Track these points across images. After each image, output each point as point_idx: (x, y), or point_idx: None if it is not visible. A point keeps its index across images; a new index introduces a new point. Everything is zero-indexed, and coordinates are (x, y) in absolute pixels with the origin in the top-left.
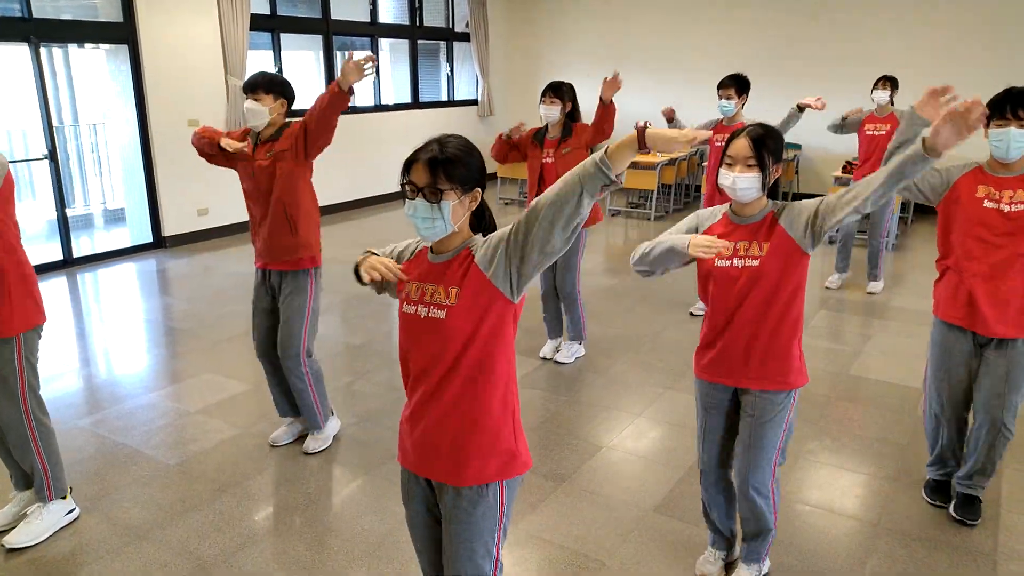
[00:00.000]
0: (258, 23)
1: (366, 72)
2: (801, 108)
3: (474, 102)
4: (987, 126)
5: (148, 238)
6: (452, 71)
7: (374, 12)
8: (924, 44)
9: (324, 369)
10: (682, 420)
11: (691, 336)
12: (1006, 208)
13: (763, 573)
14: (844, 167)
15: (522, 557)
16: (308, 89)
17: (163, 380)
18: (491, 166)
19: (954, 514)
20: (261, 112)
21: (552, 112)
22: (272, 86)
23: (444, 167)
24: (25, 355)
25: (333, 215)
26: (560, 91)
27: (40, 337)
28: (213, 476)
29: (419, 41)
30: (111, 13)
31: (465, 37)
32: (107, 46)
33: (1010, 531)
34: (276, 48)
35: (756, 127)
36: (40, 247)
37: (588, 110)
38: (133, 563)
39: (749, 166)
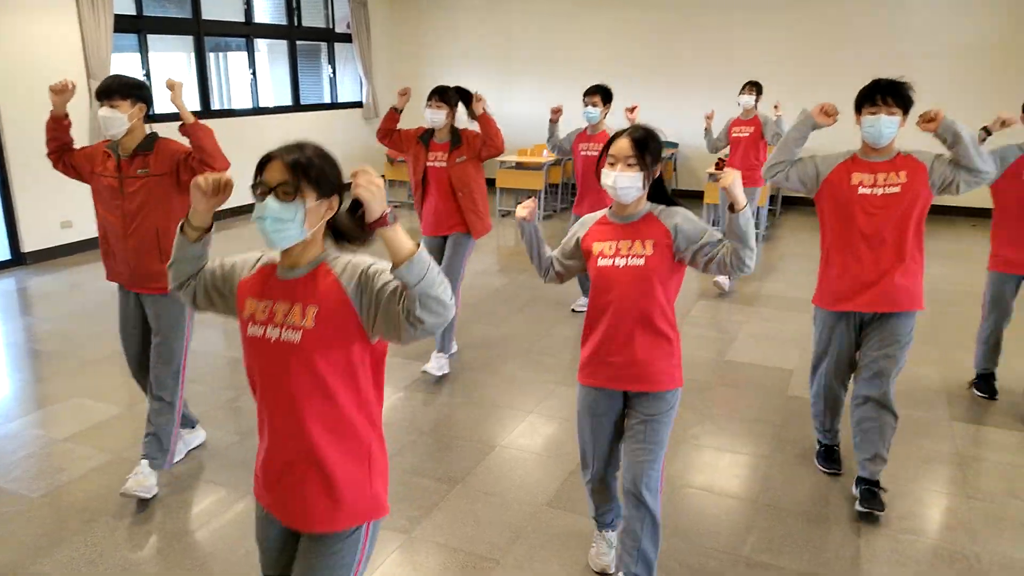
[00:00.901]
0: (123, 24)
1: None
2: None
3: (359, 104)
4: (859, 114)
5: (6, 255)
6: (335, 73)
7: (249, 12)
8: (782, 49)
9: (204, 384)
10: (572, 415)
11: (578, 332)
12: (879, 191)
13: None
14: (717, 164)
15: (416, 563)
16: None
17: (26, 407)
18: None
19: (860, 508)
20: (119, 120)
21: (437, 116)
22: (128, 90)
23: (302, 167)
24: None
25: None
26: (446, 96)
27: None
28: (83, 506)
29: (298, 42)
30: None
31: (347, 38)
32: None
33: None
34: (143, 50)
35: (638, 128)
36: None
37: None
38: None
39: (630, 165)
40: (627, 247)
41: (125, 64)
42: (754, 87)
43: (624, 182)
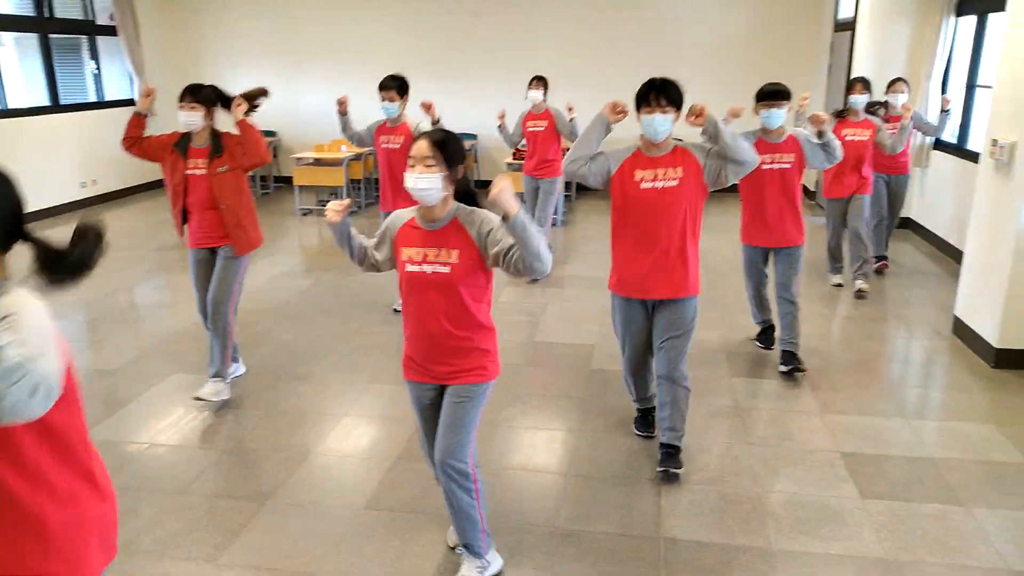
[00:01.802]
0: None
1: None
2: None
3: (131, 102)
4: (638, 111)
5: None
6: (99, 69)
7: None
8: (571, 43)
9: None
10: (387, 412)
11: (390, 328)
12: (660, 185)
13: (493, 570)
14: (515, 154)
15: None
16: None
17: None
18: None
19: (659, 469)
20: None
21: (192, 119)
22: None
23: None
24: None
25: None
26: (200, 94)
27: None
28: None
29: (52, 35)
30: None
31: (112, 31)
32: None
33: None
34: None
35: (437, 130)
36: None
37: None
38: None
39: (428, 167)
40: (434, 254)
41: None
42: (541, 81)
43: (423, 184)
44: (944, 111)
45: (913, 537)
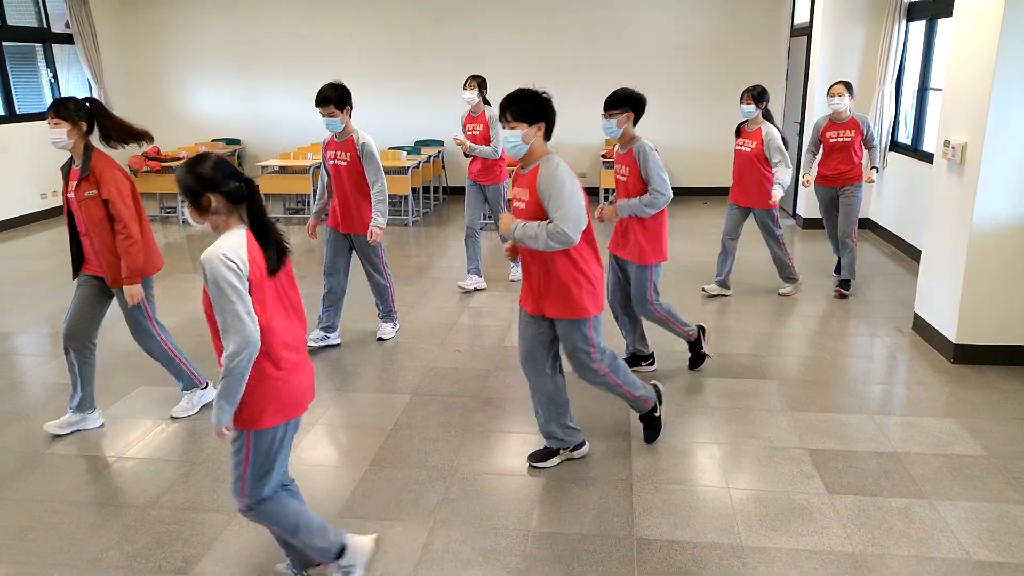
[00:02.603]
0: None
1: None
2: None
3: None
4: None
5: None
6: (56, 77)
7: None
8: (536, 50)
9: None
10: (356, 421)
11: (361, 336)
12: (521, 205)
13: None
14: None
15: None
16: None
17: None
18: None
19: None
20: None
21: (57, 135)
22: None
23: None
24: None
25: None
26: (64, 109)
27: None
28: None
29: (6, 43)
30: None
31: (68, 39)
32: None
33: (639, 457)
34: None
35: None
36: None
37: (222, 115)
38: None
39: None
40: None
41: None
42: (475, 80)
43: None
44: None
45: (880, 530)
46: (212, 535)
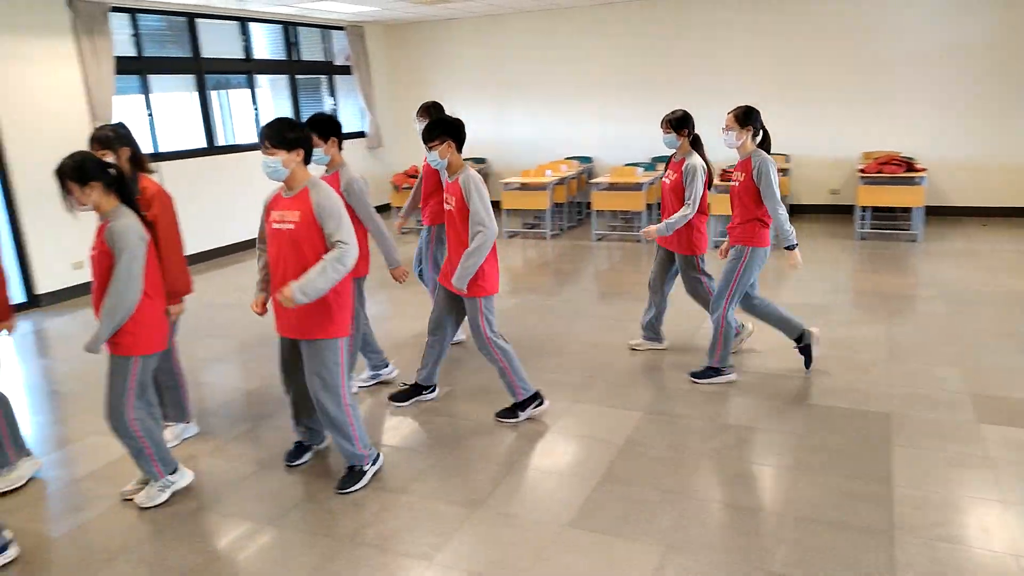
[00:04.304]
0: (124, 66)
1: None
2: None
3: (362, 134)
4: None
5: (21, 297)
6: (336, 105)
7: (248, 49)
8: (769, 63)
9: (219, 416)
10: (590, 431)
11: (592, 348)
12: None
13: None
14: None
15: None
16: (183, 130)
17: (46, 447)
18: (383, 197)
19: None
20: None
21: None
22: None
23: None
24: None
25: (215, 259)
26: (101, 140)
27: None
28: (105, 544)
29: (298, 76)
30: None
31: (347, 70)
32: None
33: (903, 505)
34: (145, 90)
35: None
36: None
37: (471, 136)
38: None
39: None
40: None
41: (128, 105)
42: (427, 112)
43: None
44: None
45: None
46: (453, 526)
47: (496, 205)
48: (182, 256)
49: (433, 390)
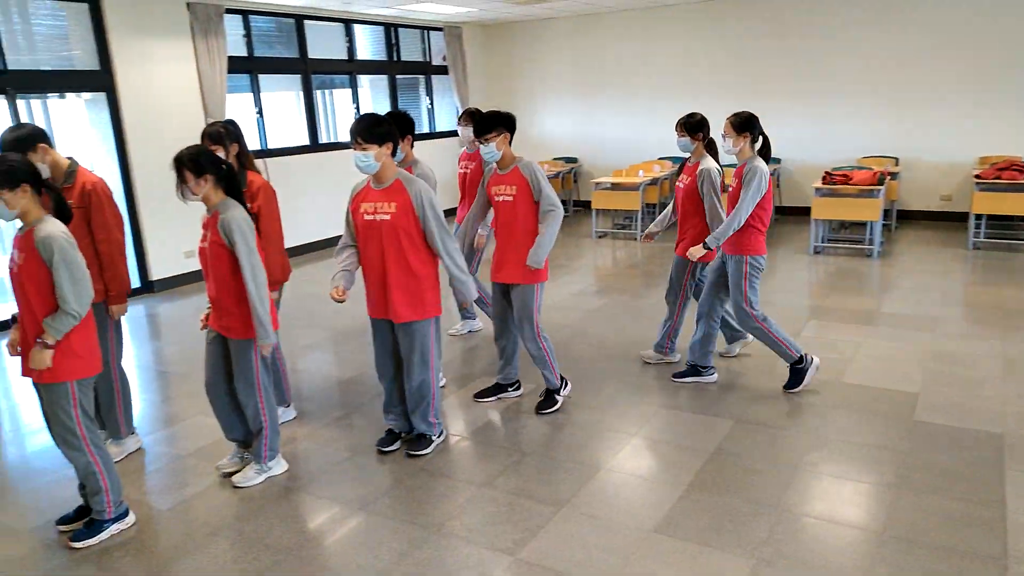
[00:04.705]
0: (236, 65)
1: None
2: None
3: (454, 133)
4: None
5: (136, 283)
6: (432, 104)
7: (352, 50)
8: (880, 63)
9: (315, 402)
10: (677, 438)
11: (681, 353)
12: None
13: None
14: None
15: None
16: (289, 128)
17: (155, 425)
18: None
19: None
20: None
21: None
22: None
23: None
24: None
25: (316, 252)
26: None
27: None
28: (206, 519)
29: (398, 76)
30: (88, 62)
31: (443, 70)
32: (86, 95)
33: (1018, 533)
34: (255, 89)
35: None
36: None
37: (562, 136)
38: None
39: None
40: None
41: (239, 103)
42: (471, 117)
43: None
44: None
45: None
46: (538, 523)
47: (586, 205)
48: (282, 246)
49: (517, 387)
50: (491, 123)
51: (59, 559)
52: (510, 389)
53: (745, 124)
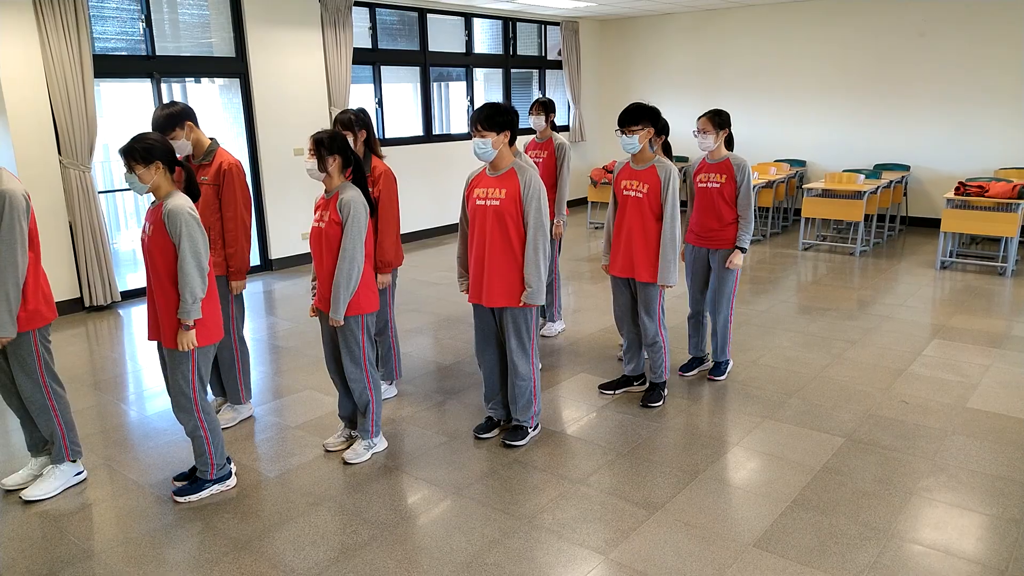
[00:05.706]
0: (360, 56)
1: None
2: None
3: (565, 128)
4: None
5: (257, 261)
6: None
7: (469, 43)
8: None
9: (416, 385)
10: (781, 452)
11: (788, 364)
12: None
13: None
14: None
15: None
16: (405, 118)
17: (267, 396)
18: (580, 191)
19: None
20: None
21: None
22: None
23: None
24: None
25: (425, 240)
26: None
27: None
28: (309, 489)
29: (512, 70)
30: (225, 49)
31: (557, 65)
32: (221, 80)
33: None
34: (377, 80)
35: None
36: None
37: (678, 136)
38: (230, 572)
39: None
40: None
41: (361, 94)
42: (543, 106)
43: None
44: None
45: None
46: (630, 525)
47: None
48: (397, 231)
49: (644, 381)
50: (638, 115)
51: (171, 515)
52: (635, 383)
53: (723, 119)
